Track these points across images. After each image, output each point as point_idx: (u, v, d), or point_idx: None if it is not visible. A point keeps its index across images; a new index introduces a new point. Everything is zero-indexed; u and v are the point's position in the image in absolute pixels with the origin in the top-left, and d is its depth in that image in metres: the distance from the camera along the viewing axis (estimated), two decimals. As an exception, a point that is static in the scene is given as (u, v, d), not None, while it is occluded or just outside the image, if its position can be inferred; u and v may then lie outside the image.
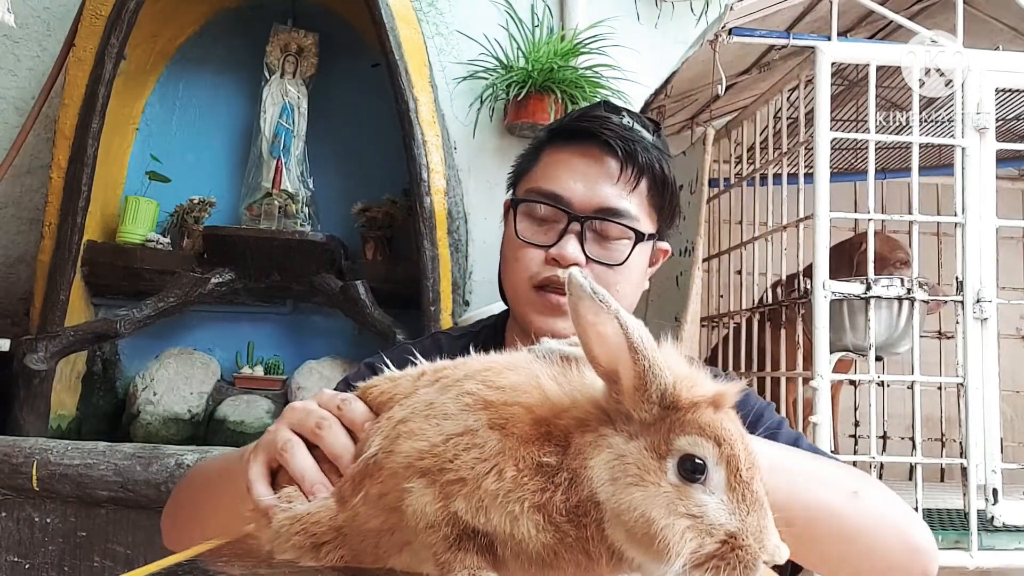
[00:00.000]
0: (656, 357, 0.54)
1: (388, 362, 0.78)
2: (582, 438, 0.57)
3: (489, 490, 0.57)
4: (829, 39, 2.39)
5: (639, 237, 1.18)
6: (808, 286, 2.22)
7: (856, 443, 3.36)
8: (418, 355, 0.76)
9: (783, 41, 2.77)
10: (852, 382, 3.27)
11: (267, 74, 2.86)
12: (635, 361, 0.54)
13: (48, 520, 2.09)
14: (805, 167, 2.90)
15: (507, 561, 0.59)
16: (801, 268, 2.43)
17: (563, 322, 1.14)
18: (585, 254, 1.15)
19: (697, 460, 0.54)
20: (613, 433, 0.56)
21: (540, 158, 1.23)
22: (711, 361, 2.93)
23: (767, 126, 2.67)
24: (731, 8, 2.74)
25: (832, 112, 2.31)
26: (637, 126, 1.21)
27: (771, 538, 0.54)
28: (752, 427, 0.82)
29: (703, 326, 3.14)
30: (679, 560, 0.51)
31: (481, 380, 0.63)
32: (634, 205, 1.18)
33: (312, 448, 0.75)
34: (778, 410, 2.37)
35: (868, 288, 2.15)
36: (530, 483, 0.57)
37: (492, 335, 1.30)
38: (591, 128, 1.19)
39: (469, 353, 0.74)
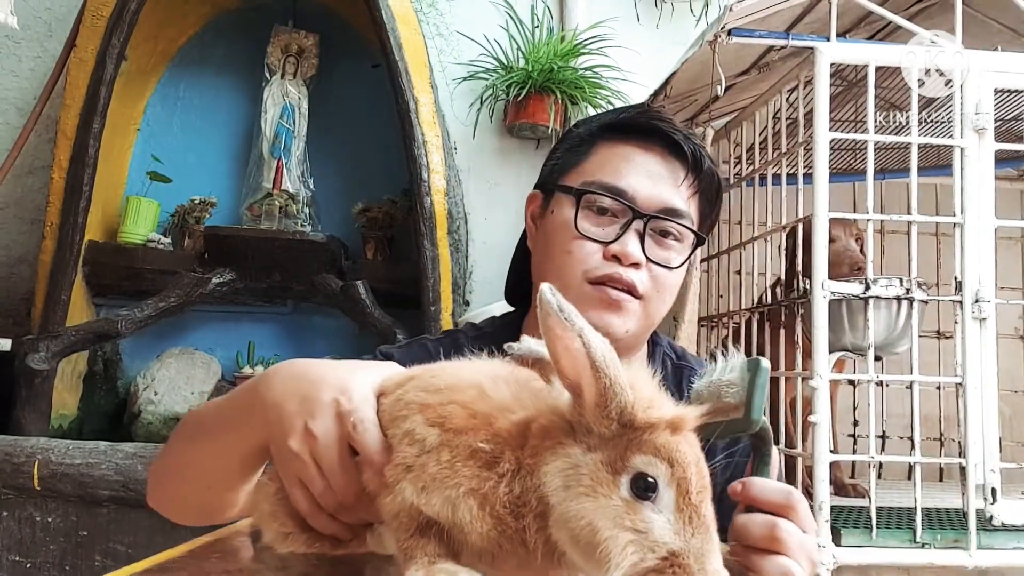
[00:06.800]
0: (617, 375, 0.56)
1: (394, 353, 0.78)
2: (541, 442, 0.59)
3: (430, 472, 0.61)
4: (828, 40, 2.40)
5: (699, 242, 1.15)
6: (807, 285, 2.23)
7: (855, 443, 3.36)
8: (433, 353, 0.74)
9: (782, 42, 2.78)
10: (851, 382, 3.28)
11: (268, 75, 2.87)
12: (596, 378, 0.56)
13: (49, 519, 2.10)
14: (804, 167, 2.91)
15: (460, 554, 0.62)
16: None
17: (619, 318, 1.10)
18: (645, 254, 1.11)
19: (649, 479, 0.55)
20: (573, 444, 0.57)
21: (593, 151, 1.17)
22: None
23: (766, 126, 2.68)
24: (731, 9, 2.75)
25: (831, 112, 2.31)
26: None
27: (712, 562, 0.54)
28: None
29: (702, 326, 3.14)
30: (618, 571, 0.52)
31: (420, 387, 0.67)
32: (693, 210, 1.14)
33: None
34: (777, 409, 2.38)
35: (867, 288, 2.16)
36: (463, 468, 0.59)
37: (509, 337, 1.27)
38: (659, 126, 1.13)
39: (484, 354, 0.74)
